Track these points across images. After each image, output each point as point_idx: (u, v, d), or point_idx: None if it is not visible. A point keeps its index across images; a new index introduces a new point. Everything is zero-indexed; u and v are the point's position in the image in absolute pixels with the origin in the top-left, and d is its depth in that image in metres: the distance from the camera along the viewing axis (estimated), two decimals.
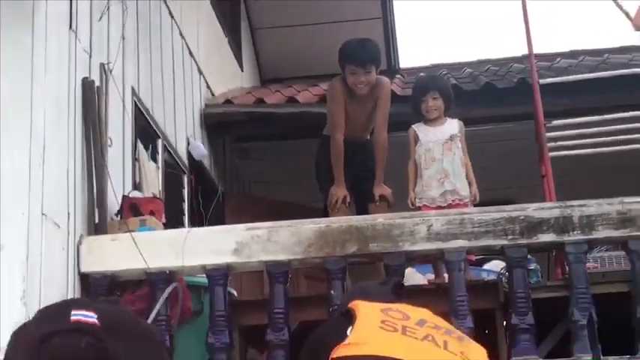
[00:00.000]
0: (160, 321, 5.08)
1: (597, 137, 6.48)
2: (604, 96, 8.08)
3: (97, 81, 5.70)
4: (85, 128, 5.48)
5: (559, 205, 5.14)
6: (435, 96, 6.22)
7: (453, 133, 6.12)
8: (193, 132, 8.31)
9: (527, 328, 4.91)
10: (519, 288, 4.98)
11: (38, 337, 1.16)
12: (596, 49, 11.62)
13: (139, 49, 6.73)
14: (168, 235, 5.45)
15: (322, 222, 5.26)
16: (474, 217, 5.08)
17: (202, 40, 8.91)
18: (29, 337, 1.19)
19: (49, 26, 5.15)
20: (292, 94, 9.44)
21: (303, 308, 5.39)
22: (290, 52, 11.80)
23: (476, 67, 11.29)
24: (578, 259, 4.99)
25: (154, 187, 6.54)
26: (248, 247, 5.15)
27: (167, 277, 5.19)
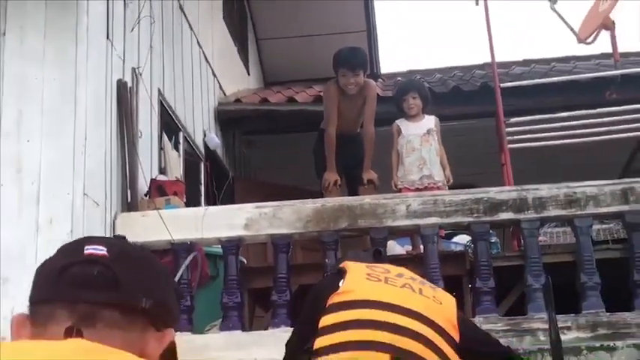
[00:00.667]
0: (182, 284, 5.10)
1: (548, 132, 6.51)
2: (553, 98, 8.12)
3: (129, 82, 5.69)
4: (119, 122, 5.48)
5: (516, 188, 5.16)
6: (414, 95, 6.28)
7: (429, 127, 6.19)
8: (209, 126, 8.30)
9: (489, 291, 4.94)
10: (483, 258, 5.00)
11: (58, 267, 1.18)
12: (544, 58, 11.65)
13: (164, 56, 6.72)
14: (189, 212, 5.45)
15: (319, 202, 5.27)
16: (446, 198, 5.10)
17: (216, 49, 8.89)
18: (50, 268, 1.20)
19: (89, 36, 5.15)
20: (291, 95, 9.44)
21: (301, 274, 5.40)
22: (289, 59, 11.79)
23: (444, 73, 11.31)
24: (532, 234, 5.02)
25: (176, 172, 6.54)
26: (257, 223, 5.17)
27: (188, 247, 5.20)
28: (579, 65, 10.01)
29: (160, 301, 1.22)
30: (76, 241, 1.25)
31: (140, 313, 1.19)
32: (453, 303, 2.74)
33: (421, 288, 2.69)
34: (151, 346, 1.21)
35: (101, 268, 1.17)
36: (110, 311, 1.16)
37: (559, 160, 8.05)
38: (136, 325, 1.18)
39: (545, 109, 7.64)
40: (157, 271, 1.27)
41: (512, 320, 4.86)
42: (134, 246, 1.29)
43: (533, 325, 4.81)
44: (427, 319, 2.58)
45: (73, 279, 1.16)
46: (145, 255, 1.29)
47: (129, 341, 1.17)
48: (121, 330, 1.17)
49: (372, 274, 2.72)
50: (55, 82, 4.89)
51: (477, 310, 4.92)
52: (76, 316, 1.15)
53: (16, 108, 4.80)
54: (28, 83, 4.86)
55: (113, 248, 1.21)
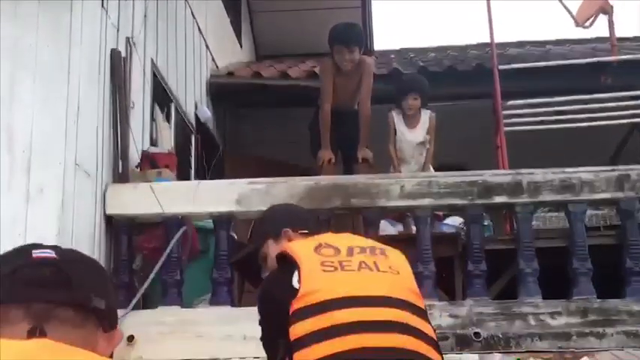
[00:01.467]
0: (172, 257, 5.08)
1: (545, 116, 6.50)
2: (547, 81, 8.08)
3: (122, 52, 5.62)
4: (112, 92, 5.41)
5: (511, 172, 5.16)
6: (415, 97, 6.26)
7: (422, 139, 6.18)
8: (200, 98, 8.24)
9: (480, 274, 4.95)
10: (475, 240, 5.00)
11: (9, 270, 1.20)
12: (539, 40, 11.63)
13: (157, 26, 6.64)
14: (181, 185, 5.43)
15: (312, 180, 5.25)
16: (440, 180, 5.09)
17: (209, 20, 8.80)
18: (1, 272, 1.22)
19: (84, 4, 5.07)
20: (284, 69, 9.36)
21: None
22: (282, 33, 11.70)
23: (439, 52, 11.24)
24: (526, 218, 5.02)
25: (167, 143, 6.49)
26: (248, 199, 5.14)
27: (179, 221, 5.17)
28: (575, 49, 9.98)
29: (109, 302, 1.27)
30: (20, 247, 1.29)
31: (92, 312, 1.23)
32: (406, 265, 2.63)
33: (375, 261, 2.58)
34: (100, 345, 1.25)
35: (53, 269, 1.20)
36: (64, 310, 1.19)
37: (551, 143, 8.02)
38: (89, 324, 1.22)
39: (539, 93, 7.64)
40: (105, 275, 1.34)
41: (502, 304, 4.87)
42: (80, 253, 1.34)
43: (524, 309, 4.83)
44: (391, 299, 2.49)
45: (25, 280, 1.19)
46: (92, 260, 1.34)
47: (83, 339, 1.20)
48: (75, 328, 1.20)
49: (325, 263, 2.53)
50: (49, 48, 4.81)
51: (468, 293, 4.93)
52: (31, 316, 1.17)
53: (8, 74, 4.72)
54: (21, 49, 4.78)
55: (62, 253, 1.25)
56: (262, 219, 3.09)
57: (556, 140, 7.80)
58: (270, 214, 3.14)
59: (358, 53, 6.29)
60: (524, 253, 4.94)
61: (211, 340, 4.86)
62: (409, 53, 11.37)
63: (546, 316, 4.80)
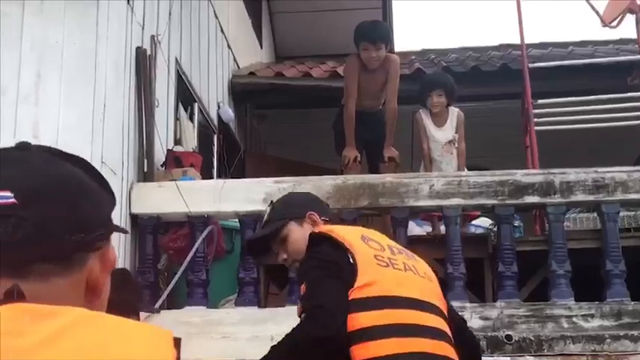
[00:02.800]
0: (198, 257, 5.00)
1: (576, 115, 6.40)
2: (572, 81, 7.98)
3: (147, 50, 5.56)
4: (137, 90, 5.35)
5: (543, 172, 5.06)
6: (439, 93, 6.14)
7: (451, 138, 6.06)
8: (223, 98, 8.18)
9: (512, 275, 4.85)
10: (506, 241, 4.91)
11: None
12: (561, 41, 11.49)
13: (181, 25, 6.58)
14: (207, 184, 5.36)
15: (340, 178, 5.16)
16: (470, 180, 4.99)
17: (231, 20, 8.74)
18: None
19: (111, 1, 5.01)
20: (306, 70, 9.29)
21: None
22: (302, 34, 11.63)
23: (459, 53, 11.13)
24: (558, 219, 4.92)
25: (191, 143, 6.43)
26: (275, 197, 5.04)
27: (205, 220, 5.10)
28: (599, 50, 9.85)
29: (89, 224, 1.10)
30: None
31: (72, 250, 1.08)
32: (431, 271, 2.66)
33: (414, 265, 2.58)
34: (94, 270, 1.11)
35: (15, 221, 1.04)
36: (40, 264, 1.05)
37: (579, 143, 7.91)
38: (73, 263, 1.08)
39: (563, 93, 7.51)
40: (74, 192, 1.11)
41: (534, 306, 4.77)
42: (39, 166, 1.10)
43: (556, 311, 4.73)
44: (433, 306, 2.51)
45: None
46: (55, 178, 1.10)
47: (70, 284, 1.07)
48: (57, 276, 1.06)
49: (378, 257, 2.52)
50: (75, 46, 4.75)
51: (499, 295, 4.83)
52: (5, 275, 1.03)
53: (34, 71, 4.66)
54: (48, 47, 4.73)
55: (20, 188, 1.05)
56: (283, 202, 3.02)
57: (580, 140, 7.69)
58: (291, 197, 3.14)
59: (384, 50, 6.20)
60: (556, 254, 4.83)
61: (237, 340, 4.78)
62: (430, 54, 11.26)
63: (579, 319, 4.70)
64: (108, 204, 1.18)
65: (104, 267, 1.15)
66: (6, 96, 4.64)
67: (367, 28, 6.26)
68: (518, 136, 7.54)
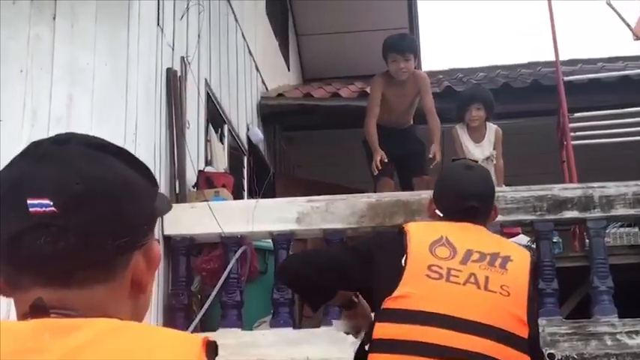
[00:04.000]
0: (232, 278, 4.94)
1: (613, 128, 6.30)
2: (605, 96, 7.86)
3: (178, 71, 5.54)
4: (168, 111, 5.32)
5: (582, 186, 4.95)
6: (478, 107, 6.05)
7: (489, 154, 5.95)
8: (252, 120, 8.14)
9: (552, 292, 4.73)
10: (546, 257, 4.79)
11: (7, 237, 1.01)
12: (591, 58, 11.38)
13: (210, 46, 6.57)
14: (239, 204, 5.32)
15: (374, 196, 5.10)
16: (507, 195, 4.89)
17: (259, 42, 8.74)
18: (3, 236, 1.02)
19: (141, 22, 5.00)
20: (334, 91, 9.25)
21: None
22: (328, 56, 11.62)
23: (488, 71, 11.05)
24: (598, 234, 4.80)
25: (222, 164, 6.39)
26: (309, 217, 4.99)
27: (238, 240, 5.04)
28: (629, 65, 9.72)
29: (133, 225, 1.06)
30: (10, 179, 1.04)
31: (115, 254, 1.04)
32: (524, 280, 2.49)
33: (488, 276, 2.44)
34: (139, 267, 1.08)
35: (55, 231, 1.00)
36: (81, 272, 1.02)
37: (618, 157, 7.77)
38: (117, 266, 1.05)
39: (597, 108, 7.40)
40: (116, 193, 1.05)
41: (577, 323, 4.64)
42: (79, 167, 1.05)
43: (600, 328, 4.60)
44: (488, 327, 2.38)
45: (28, 253, 1.00)
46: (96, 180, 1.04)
47: (114, 287, 1.05)
48: (101, 282, 1.03)
49: (433, 267, 2.47)
50: (107, 67, 4.74)
51: (540, 313, 4.67)
52: (44, 284, 1.00)
53: (66, 94, 4.65)
54: (79, 68, 4.72)
55: (60, 193, 1.01)
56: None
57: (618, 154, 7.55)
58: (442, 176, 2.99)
59: (413, 62, 6.18)
60: (597, 270, 4.71)
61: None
62: (458, 73, 11.19)
63: (623, 336, 4.56)
64: (150, 195, 1.14)
65: (149, 263, 1.11)
66: (38, 119, 4.63)
67: (395, 40, 6.30)
68: (552, 152, 7.44)
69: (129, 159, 1.13)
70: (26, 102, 4.62)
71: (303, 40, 11.72)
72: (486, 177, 2.85)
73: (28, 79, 4.68)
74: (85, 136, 1.12)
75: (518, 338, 2.39)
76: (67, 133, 1.11)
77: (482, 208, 2.69)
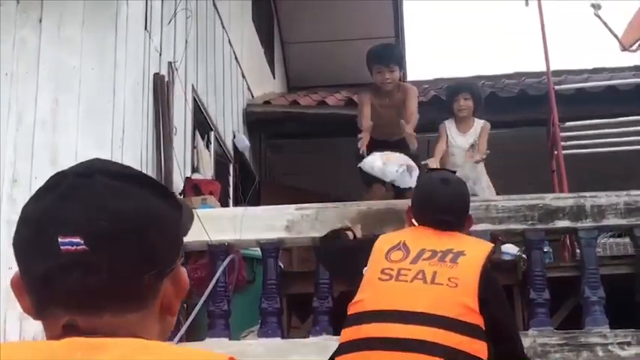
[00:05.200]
0: (219, 287, 4.85)
1: (604, 138, 6.28)
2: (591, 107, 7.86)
3: (165, 77, 5.46)
4: (155, 117, 5.24)
5: (573, 195, 4.90)
6: (466, 96, 5.99)
7: (474, 139, 5.91)
8: (238, 127, 8.07)
9: (543, 302, 4.67)
10: (537, 267, 4.74)
11: (40, 274, 1.04)
12: (576, 69, 11.40)
13: (197, 52, 6.49)
14: (228, 212, 5.24)
15: (364, 204, 5.03)
16: (499, 204, 4.84)
17: (245, 50, 8.67)
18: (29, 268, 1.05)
19: (128, 26, 4.94)
20: (320, 99, 9.19)
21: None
22: (314, 64, 11.58)
23: (472, 81, 11.03)
24: (590, 244, 4.75)
25: (208, 171, 6.32)
26: (298, 225, 4.91)
27: (226, 249, 4.95)
28: (615, 76, 9.74)
29: (162, 256, 1.08)
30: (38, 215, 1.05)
31: (146, 286, 1.06)
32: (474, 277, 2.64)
33: (436, 271, 2.67)
34: (167, 295, 1.10)
35: (86, 270, 1.02)
36: (114, 304, 1.04)
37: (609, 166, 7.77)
38: (147, 296, 1.07)
39: (582, 118, 7.39)
40: (145, 226, 1.06)
41: (568, 334, 4.59)
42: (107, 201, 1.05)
43: (591, 339, 4.54)
44: (433, 317, 2.56)
45: (59, 289, 1.03)
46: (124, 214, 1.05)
47: (144, 314, 1.07)
48: (131, 311, 1.06)
49: (385, 270, 2.72)
50: (93, 71, 4.66)
51: (531, 323, 4.65)
52: (76, 315, 1.03)
53: (52, 97, 4.57)
54: (65, 72, 4.64)
55: (89, 231, 1.02)
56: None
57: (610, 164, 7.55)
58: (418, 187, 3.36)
59: (398, 73, 6.11)
60: (589, 280, 4.66)
61: None
62: (443, 83, 11.15)
63: (615, 347, 4.51)
64: (176, 221, 1.13)
65: (178, 288, 1.12)
66: (23, 122, 4.55)
67: (379, 51, 6.18)
68: (538, 162, 7.42)
69: (152, 185, 1.13)
70: (11, 106, 4.54)
71: (289, 47, 11.67)
72: (461, 192, 3.03)
73: (13, 82, 4.60)
74: (108, 165, 1.13)
75: (468, 325, 2.57)
76: (91, 163, 1.12)
77: (455, 221, 2.91)
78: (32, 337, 4.18)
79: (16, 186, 4.44)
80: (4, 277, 4.24)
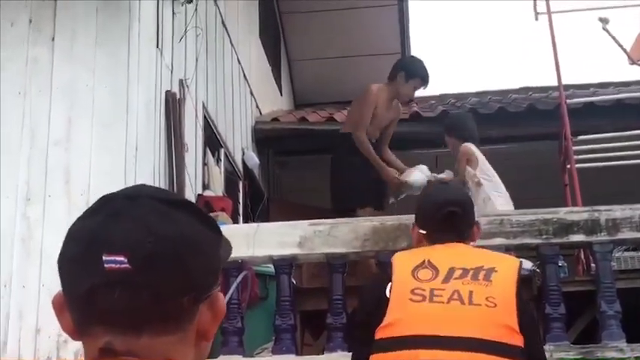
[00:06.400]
0: (233, 304, 4.83)
1: (617, 152, 6.27)
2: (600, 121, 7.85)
3: (177, 94, 5.46)
4: (167, 134, 5.24)
5: (587, 209, 4.88)
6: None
7: None
8: (247, 144, 8.07)
9: (559, 317, 4.64)
10: (552, 282, 4.71)
11: (84, 290, 1.06)
12: (582, 83, 11.40)
13: (207, 69, 6.50)
14: (240, 228, 5.22)
15: (376, 220, 5.00)
16: (512, 218, 4.82)
17: (253, 67, 8.69)
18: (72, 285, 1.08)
19: (140, 44, 4.94)
20: (328, 115, 9.20)
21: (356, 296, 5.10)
22: (320, 81, 11.59)
23: (479, 97, 11.03)
24: (605, 257, 4.73)
25: (219, 188, 6.31)
26: (311, 241, 4.90)
27: (239, 265, 4.94)
28: (622, 90, 9.73)
29: (202, 281, 1.10)
30: (86, 234, 1.08)
31: (185, 309, 1.09)
32: (511, 288, 2.51)
33: (472, 290, 2.49)
34: (204, 321, 1.12)
35: (128, 289, 1.05)
36: (151, 325, 1.07)
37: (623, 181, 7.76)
38: (184, 319, 1.09)
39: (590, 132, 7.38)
40: (187, 251, 1.09)
41: (584, 348, 4.56)
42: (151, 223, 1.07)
43: (608, 354, 4.51)
44: (476, 341, 2.41)
45: (101, 307, 1.06)
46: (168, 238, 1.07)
47: (181, 338, 1.09)
48: (169, 334, 1.08)
49: (416, 290, 2.51)
50: (106, 89, 4.67)
51: (547, 338, 4.61)
52: (115, 335, 1.06)
53: (65, 115, 4.58)
54: (78, 90, 4.64)
55: (134, 251, 1.06)
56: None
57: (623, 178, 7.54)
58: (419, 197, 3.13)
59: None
60: (604, 294, 4.63)
61: None
62: (450, 99, 11.16)
63: None
64: (216, 248, 1.16)
65: (215, 314, 1.14)
66: (36, 141, 4.55)
67: (427, 71, 6.32)
68: (547, 177, 7.40)
69: (195, 212, 1.16)
70: (25, 124, 4.54)
71: (295, 65, 11.69)
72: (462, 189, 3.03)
73: (27, 101, 4.60)
74: (154, 190, 1.17)
75: (511, 347, 2.41)
76: (138, 187, 1.16)
77: (462, 213, 2.77)
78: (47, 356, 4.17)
79: (30, 204, 4.43)
80: (17, 294, 4.24)
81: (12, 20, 4.79)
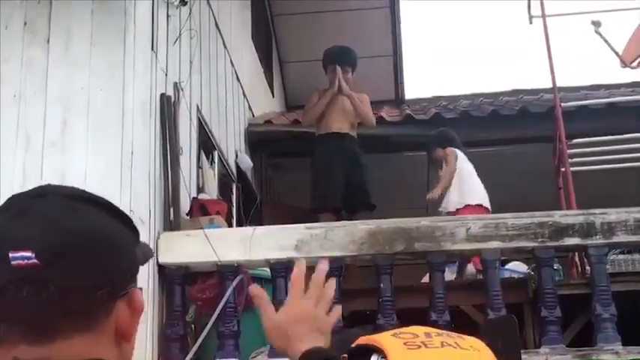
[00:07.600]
0: (229, 307, 4.82)
1: (612, 155, 6.29)
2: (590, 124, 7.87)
3: (172, 97, 5.44)
4: (162, 138, 5.22)
5: (583, 212, 4.90)
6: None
7: None
8: (240, 146, 8.05)
9: (555, 320, 4.67)
10: (547, 285, 4.73)
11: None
12: (573, 86, 11.43)
13: (201, 72, 6.48)
14: (237, 232, 5.22)
15: (372, 223, 5.01)
16: (508, 222, 4.84)
17: (246, 69, 8.67)
18: None
19: (136, 46, 4.91)
20: None
21: (353, 299, 5.11)
22: (312, 82, 11.51)
23: (471, 99, 11.05)
24: (600, 260, 4.76)
25: (213, 191, 6.29)
26: (307, 244, 4.90)
27: (235, 269, 4.93)
28: (613, 93, 9.77)
29: (115, 275, 1.08)
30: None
31: (98, 305, 1.06)
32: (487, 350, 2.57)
33: (456, 342, 2.50)
34: (122, 318, 1.09)
35: (37, 285, 1.02)
36: (66, 321, 1.03)
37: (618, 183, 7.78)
38: (100, 316, 1.06)
39: (582, 135, 7.40)
40: (98, 245, 1.06)
41: (580, 351, 4.58)
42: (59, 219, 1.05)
43: (603, 356, 4.53)
44: None
45: (11, 304, 1.02)
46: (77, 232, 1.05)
47: (97, 336, 1.06)
48: (84, 332, 1.05)
49: (408, 343, 2.48)
50: (102, 92, 4.64)
51: (543, 341, 4.64)
52: (28, 336, 1.02)
53: (60, 118, 4.55)
54: (74, 93, 4.62)
55: (41, 246, 1.02)
56: None
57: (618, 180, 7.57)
58: None
59: (351, 75, 7.04)
60: (600, 297, 4.65)
61: None
62: (442, 101, 11.17)
63: None
64: (132, 245, 1.14)
65: (133, 311, 1.11)
66: (32, 144, 4.52)
67: (337, 53, 7.28)
68: (540, 180, 7.42)
69: (108, 208, 1.14)
70: (20, 127, 4.52)
71: (287, 66, 11.68)
72: None
73: (22, 103, 4.57)
74: (64, 187, 1.15)
75: None
76: (46, 186, 1.13)
77: None
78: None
79: None
80: None
81: (6, 22, 4.76)
